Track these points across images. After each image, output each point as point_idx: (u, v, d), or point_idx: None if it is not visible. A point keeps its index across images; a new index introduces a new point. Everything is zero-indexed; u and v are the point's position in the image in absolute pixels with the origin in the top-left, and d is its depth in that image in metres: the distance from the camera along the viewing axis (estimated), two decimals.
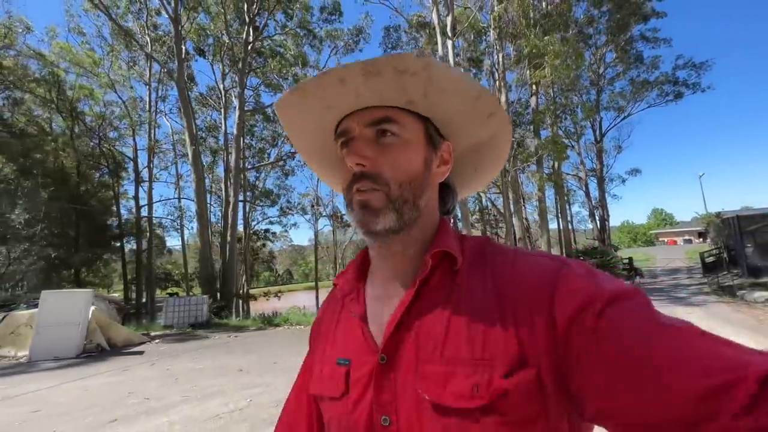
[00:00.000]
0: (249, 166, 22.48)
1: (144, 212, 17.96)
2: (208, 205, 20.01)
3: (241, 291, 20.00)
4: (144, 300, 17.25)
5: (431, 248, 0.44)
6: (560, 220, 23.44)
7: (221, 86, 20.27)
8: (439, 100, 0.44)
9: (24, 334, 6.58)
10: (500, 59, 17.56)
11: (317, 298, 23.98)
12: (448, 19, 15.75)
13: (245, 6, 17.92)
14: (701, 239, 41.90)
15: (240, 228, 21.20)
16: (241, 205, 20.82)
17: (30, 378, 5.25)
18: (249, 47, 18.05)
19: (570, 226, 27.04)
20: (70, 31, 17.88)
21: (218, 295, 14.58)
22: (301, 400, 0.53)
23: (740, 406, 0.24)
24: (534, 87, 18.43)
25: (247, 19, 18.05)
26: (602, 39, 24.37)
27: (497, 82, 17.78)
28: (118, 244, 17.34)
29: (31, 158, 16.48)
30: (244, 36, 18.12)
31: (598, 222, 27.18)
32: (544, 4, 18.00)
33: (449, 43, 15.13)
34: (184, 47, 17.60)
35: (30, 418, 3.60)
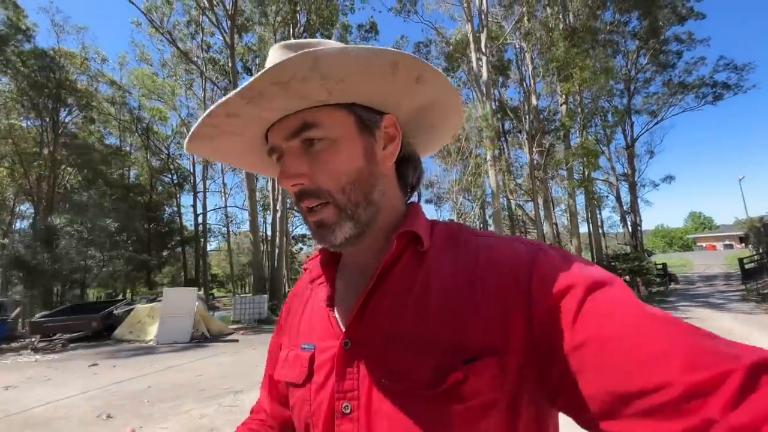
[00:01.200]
0: None
1: (198, 220, 19.92)
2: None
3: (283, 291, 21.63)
4: None
5: (398, 230, 0.42)
6: (590, 225, 23.64)
7: None
8: (349, 88, 0.39)
9: (145, 323, 8.13)
10: (530, 71, 18.29)
11: None
12: (482, 36, 16.73)
13: (291, 30, 19.64)
14: (743, 244, 40.17)
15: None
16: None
17: (169, 356, 6.67)
18: None
19: (600, 230, 26.96)
20: (140, 61, 20.15)
21: (268, 294, 16.13)
22: (272, 385, 0.54)
23: (728, 399, 0.24)
24: (564, 96, 18.99)
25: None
26: (633, 44, 24.41)
27: (527, 92, 18.51)
28: (179, 249, 19.27)
29: (96, 170, 18.85)
30: None
31: (629, 227, 26.96)
32: (570, 16, 18.60)
33: (483, 59, 16.08)
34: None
35: (201, 381, 4.92)
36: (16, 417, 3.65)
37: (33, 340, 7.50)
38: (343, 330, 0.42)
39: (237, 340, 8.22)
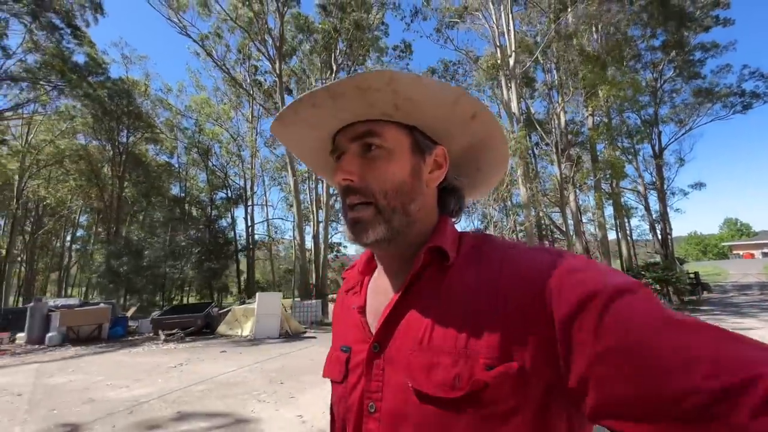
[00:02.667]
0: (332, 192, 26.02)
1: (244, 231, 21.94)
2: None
3: None
4: None
5: (426, 244, 0.46)
6: (619, 234, 24.10)
7: None
8: (413, 109, 0.46)
9: (241, 321, 9.80)
10: (559, 90, 19.32)
11: None
12: (511, 60, 17.99)
13: (333, 53, 21.68)
14: None
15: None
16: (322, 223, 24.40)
17: (275, 346, 8.23)
18: None
19: (629, 239, 27.14)
20: (197, 88, 22.63)
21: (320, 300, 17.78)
22: None
23: (756, 404, 0.24)
24: (590, 109, 19.81)
25: (334, 67, 21.72)
26: (658, 55, 24.91)
27: (557, 113, 19.48)
28: (233, 258, 21.31)
29: (154, 185, 21.22)
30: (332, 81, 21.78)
31: (659, 235, 27.02)
32: (595, 33, 19.56)
33: (513, 85, 17.31)
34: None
35: (318, 363, 6.38)
36: (213, 381, 5.21)
37: (160, 333, 9.31)
38: (372, 334, 0.46)
39: (315, 337, 9.73)
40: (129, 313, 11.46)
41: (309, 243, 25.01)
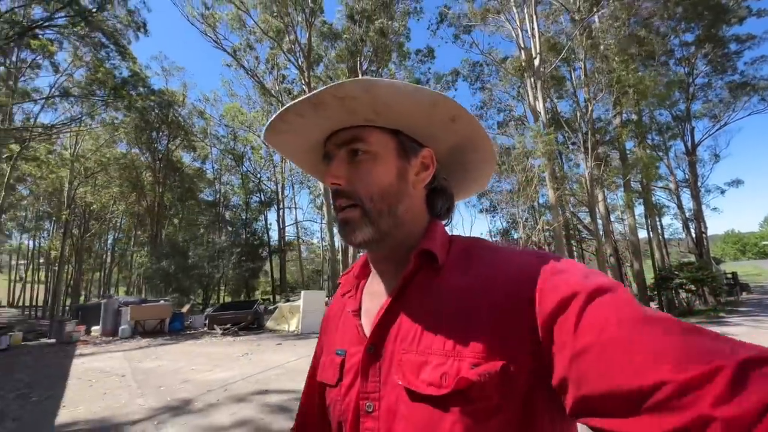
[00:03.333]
0: None
1: (277, 234, 22.93)
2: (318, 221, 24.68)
3: None
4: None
5: (417, 248, 0.48)
6: (650, 234, 23.59)
7: None
8: (393, 114, 0.47)
9: (287, 317, 10.56)
10: (587, 90, 19.20)
11: None
12: (536, 61, 18.11)
13: (359, 59, 22.44)
14: None
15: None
16: None
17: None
18: None
19: (661, 238, 26.32)
20: (231, 96, 23.88)
21: None
22: (313, 387, 0.59)
23: (719, 394, 0.25)
24: (620, 107, 19.51)
25: (359, 73, 22.45)
26: (690, 50, 24.21)
27: (586, 113, 19.34)
28: (267, 258, 22.35)
29: (189, 189, 22.47)
30: None
31: (693, 233, 26.14)
32: (626, 29, 19.27)
33: (539, 84, 17.42)
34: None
35: None
36: (282, 367, 5.87)
37: (216, 327, 10.18)
38: (367, 336, 0.47)
39: None
40: (184, 310, 12.51)
41: (337, 243, 25.92)
